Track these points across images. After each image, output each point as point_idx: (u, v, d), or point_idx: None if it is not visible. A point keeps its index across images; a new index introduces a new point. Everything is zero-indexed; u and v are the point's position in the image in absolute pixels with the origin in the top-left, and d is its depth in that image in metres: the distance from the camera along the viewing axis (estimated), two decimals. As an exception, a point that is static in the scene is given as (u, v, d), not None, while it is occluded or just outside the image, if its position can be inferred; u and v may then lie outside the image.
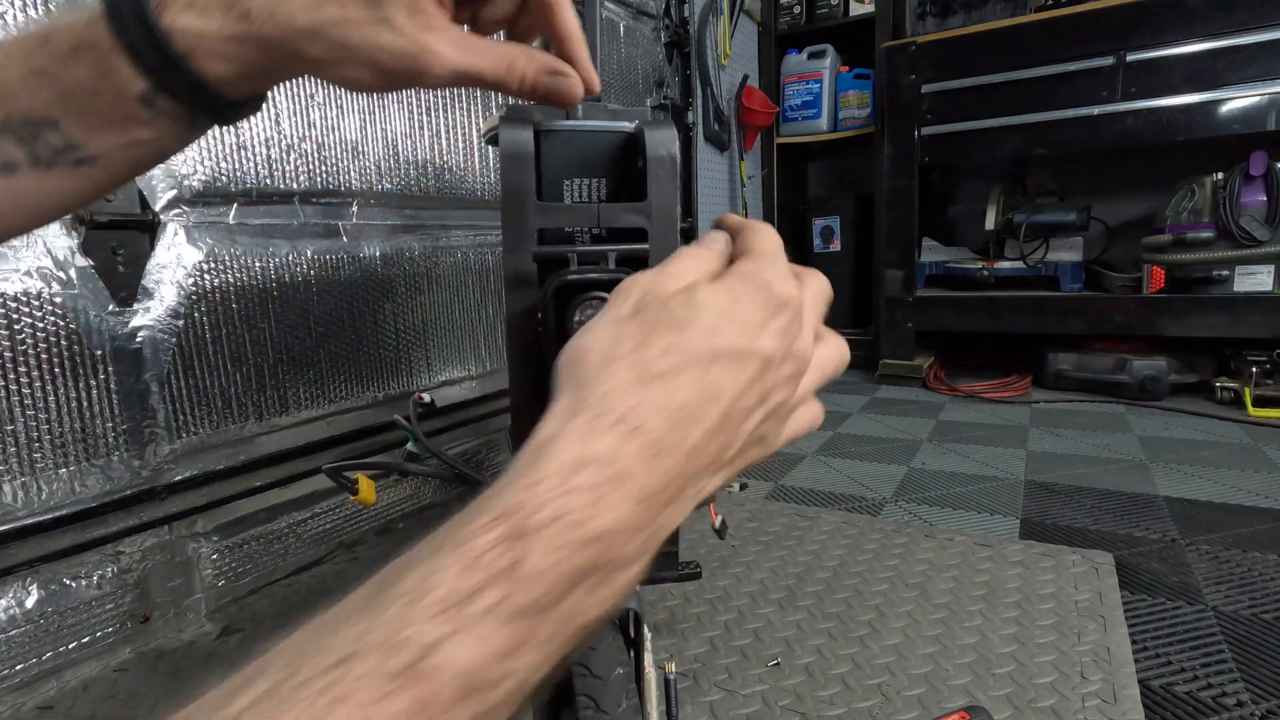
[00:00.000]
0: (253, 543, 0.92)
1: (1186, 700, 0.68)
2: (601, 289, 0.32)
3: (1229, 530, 1.05)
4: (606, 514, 0.21)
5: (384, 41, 0.28)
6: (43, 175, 0.28)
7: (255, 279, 0.89)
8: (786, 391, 0.27)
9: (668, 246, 0.35)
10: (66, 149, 0.28)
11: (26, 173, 0.28)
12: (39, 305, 0.70)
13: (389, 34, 0.28)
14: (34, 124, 0.27)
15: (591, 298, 0.32)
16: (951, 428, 1.68)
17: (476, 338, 1.24)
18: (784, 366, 0.26)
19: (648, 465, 0.22)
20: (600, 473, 0.21)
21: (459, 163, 1.18)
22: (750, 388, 0.25)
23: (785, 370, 0.26)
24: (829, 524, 1.09)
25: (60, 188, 0.29)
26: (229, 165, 0.86)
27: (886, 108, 2.08)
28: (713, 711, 0.68)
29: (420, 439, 0.49)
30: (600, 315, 0.26)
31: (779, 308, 0.26)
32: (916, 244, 2.13)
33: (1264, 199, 1.65)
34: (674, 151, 0.35)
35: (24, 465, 0.71)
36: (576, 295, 0.32)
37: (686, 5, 1.84)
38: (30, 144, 0.27)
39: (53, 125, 0.27)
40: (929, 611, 0.83)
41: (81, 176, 0.29)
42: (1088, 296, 1.92)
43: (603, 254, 0.32)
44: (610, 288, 0.32)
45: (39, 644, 0.73)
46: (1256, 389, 1.68)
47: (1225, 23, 1.65)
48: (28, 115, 0.27)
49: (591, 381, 0.23)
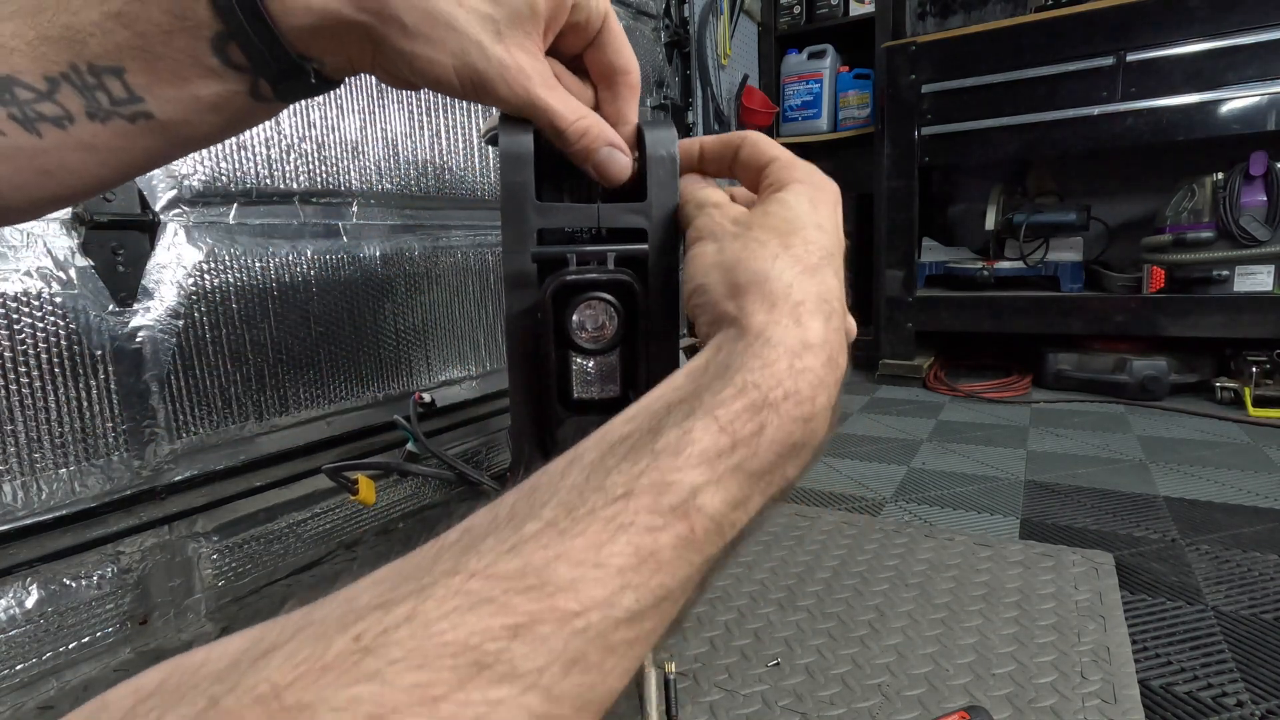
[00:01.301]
0: (253, 543, 0.92)
1: (1186, 700, 0.68)
2: (601, 289, 0.32)
3: (1229, 530, 1.05)
4: (821, 395, 0.24)
5: (485, 40, 0.28)
6: (96, 130, 0.27)
7: (255, 279, 0.89)
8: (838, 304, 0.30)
9: (668, 247, 0.35)
10: (127, 100, 0.27)
11: (81, 126, 0.27)
12: (39, 305, 0.70)
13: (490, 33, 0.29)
14: (99, 71, 0.27)
15: (591, 298, 0.32)
16: (951, 428, 1.68)
17: (476, 338, 1.24)
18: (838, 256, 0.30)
19: (843, 346, 0.26)
20: (819, 356, 0.24)
21: (459, 163, 1.18)
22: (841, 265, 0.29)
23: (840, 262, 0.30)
24: (829, 524, 1.09)
25: (111, 146, 0.28)
26: (229, 165, 0.86)
27: (886, 108, 2.07)
28: (713, 711, 0.68)
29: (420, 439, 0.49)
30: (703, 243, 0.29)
31: (836, 201, 0.30)
32: (916, 244, 2.13)
33: (1264, 199, 1.65)
34: (674, 151, 0.35)
35: (24, 465, 0.71)
36: (576, 295, 0.32)
37: (686, 5, 1.84)
38: (91, 93, 0.27)
39: (118, 73, 0.27)
40: (929, 611, 0.83)
41: (135, 135, 0.28)
42: (1088, 296, 1.92)
43: (602, 254, 0.32)
44: (609, 288, 0.32)
45: (39, 644, 0.73)
46: (1256, 389, 1.68)
47: (1225, 23, 1.65)
48: (96, 60, 0.26)
49: (770, 279, 0.26)
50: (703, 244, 0.29)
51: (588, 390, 0.34)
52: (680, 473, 0.21)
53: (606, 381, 0.34)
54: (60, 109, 0.27)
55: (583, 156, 0.33)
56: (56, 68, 0.26)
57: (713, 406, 0.23)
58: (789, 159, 0.31)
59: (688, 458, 0.21)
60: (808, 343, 0.24)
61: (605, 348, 0.33)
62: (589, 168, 0.33)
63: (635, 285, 0.32)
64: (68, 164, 0.28)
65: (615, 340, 0.33)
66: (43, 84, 0.26)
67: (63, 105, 0.27)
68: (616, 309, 0.32)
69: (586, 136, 0.32)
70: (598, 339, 0.33)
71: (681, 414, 0.23)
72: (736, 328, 0.25)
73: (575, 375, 0.34)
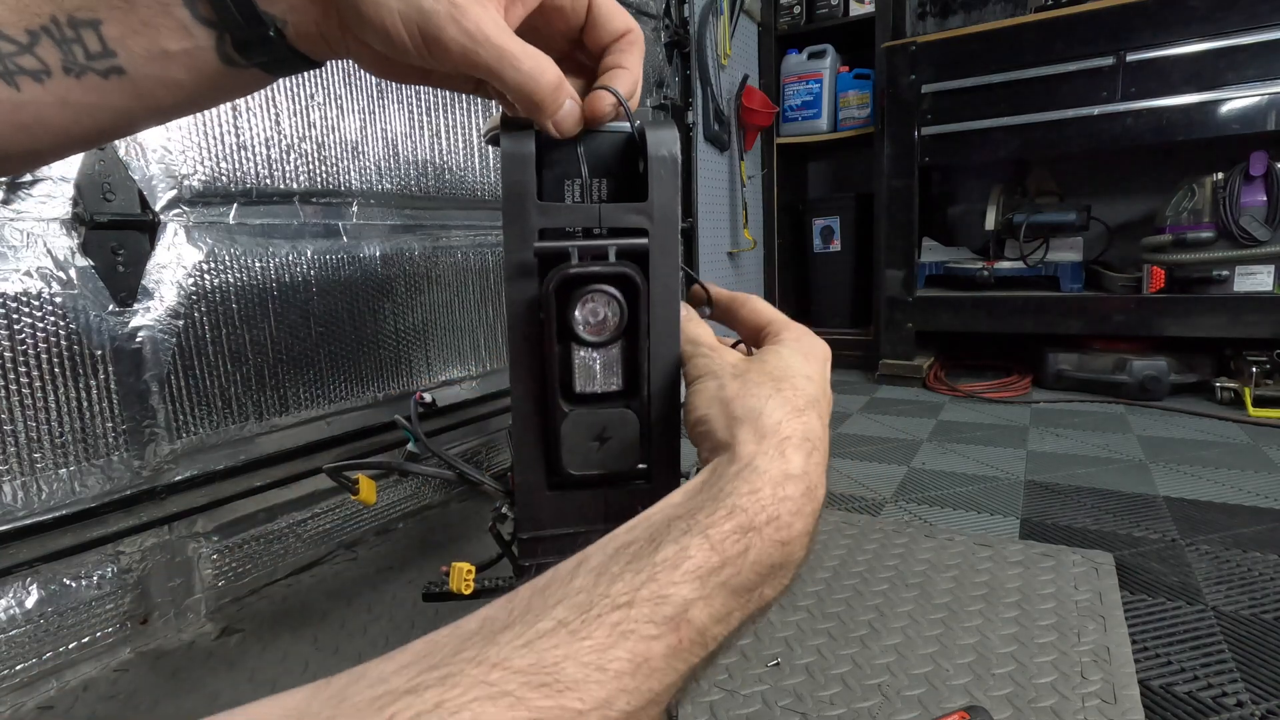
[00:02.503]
0: (253, 543, 0.92)
1: (1186, 700, 0.68)
2: (604, 282, 0.32)
3: (1229, 530, 1.05)
4: (801, 523, 0.27)
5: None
6: (71, 85, 0.28)
7: (255, 279, 0.89)
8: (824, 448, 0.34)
9: (669, 247, 0.35)
10: (101, 54, 0.28)
11: (58, 80, 0.28)
12: (39, 305, 0.70)
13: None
14: (78, 24, 0.27)
15: (593, 290, 0.32)
16: (951, 428, 1.68)
17: (477, 338, 1.24)
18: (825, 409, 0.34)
19: (823, 476, 0.29)
20: (798, 485, 0.27)
21: (459, 163, 1.18)
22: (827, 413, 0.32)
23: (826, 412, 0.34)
24: (829, 524, 1.09)
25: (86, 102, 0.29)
26: (229, 165, 0.86)
27: (886, 108, 2.07)
28: (713, 711, 0.68)
29: (421, 439, 0.49)
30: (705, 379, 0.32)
31: (825, 359, 0.34)
32: (916, 244, 2.13)
33: (1264, 199, 1.65)
34: (675, 151, 0.35)
35: (24, 465, 0.71)
36: (578, 288, 0.32)
37: (686, 5, 1.84)
38: (68, 46, 0.27)
39: (94, 25, 0.27)
40: (929, 611, 0.83)
41: (108, 92, 0.29)
42: (1088, 296, 1.92)
43: (603, 248, 0.32)
44: (612, 280, 0.32)
45: (39, 644, 0.73)
46: (1256, 389, 1.68)
47: (1225, 23, 1.65)
48: (75, 12, 0.27)
49: (762, 415, 0.29)
50: (704, 380, 0.32)
51: (590, 383, 0.34)
52: (676, 586, 0.23)
53: (608, 374, 0.35)
54: (39, 63, 0.27)
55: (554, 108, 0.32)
56: (38, 20, 0.27)
57: (706, 526, 0.25)
58: (785, 320, 0.36)
59: (684, 573, 0.24)
60: (789, 473, 0.27)
61: (607, 340, 0.33)
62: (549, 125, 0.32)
63: (637, 278, 0.32)
64: (44, 118, 0.28)
65: (618, 333, 0.33)
66: (24, 37, 0.27)
67: (41, 59, 0.27)
68: (619, 301, 0.32)
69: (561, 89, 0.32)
70: (600, 331, 0.33)
71: (680, 530, 0.25)
72: (730, 454, 0.28)
73: (577, 368, 0.34)
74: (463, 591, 0.49)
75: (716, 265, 2.14)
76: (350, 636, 0.82)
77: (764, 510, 0.26)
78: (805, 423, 0.29)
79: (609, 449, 0.35)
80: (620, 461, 0.35)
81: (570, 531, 0.37)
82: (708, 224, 2.05)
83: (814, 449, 0.29)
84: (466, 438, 1.23)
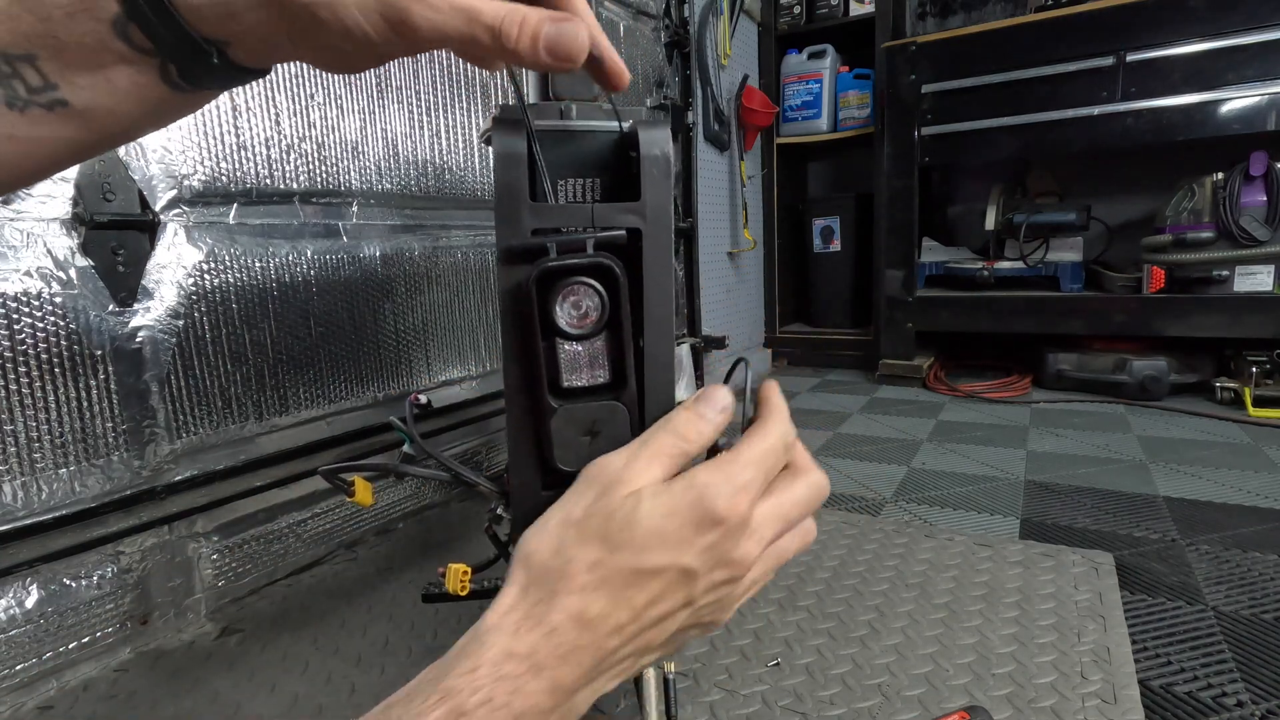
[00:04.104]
0: (253, 543, 0.92)
1: (1186, 700, 0.68)
2: (582, 274, 0.32)
3: (1229, 530, 1.05)
4: (522, 700, 0.26)
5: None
6: (15, 120, 0.27)
7: (255, 279, 0.89)
8: (722, 592, 0.31)
9: (663, 245, 0.35)
10: (43, 89, 0.27)
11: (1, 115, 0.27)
12: (39, 305, 0.70)
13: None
14: (11, 59, 0.26)
15: (573, 283, 0.32)
16: (951, 428, 1.68)
17: (476, 338, 1.24)
18: (714, 574, 0.29)
19: (561, 660, 0.27)
20: (522, 665, 0.26)
21: (459, 163, 1.18)
22: (668, 597, 0.29)
23: (716, 577, 0.30)
24: (829, 524, 1.09)
25: (34, 135, 0.28)
26: (229, 165, 0.86)
27: (886, 108, 2.08)
28: (713, 711, 0.68)
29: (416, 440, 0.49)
30: (557, 507, 0.31)
31: (712, 525, 0.29)
32: (916, 244, 2.13)
33: (1264, 199, 1.65)
34: (668, 150, 0.35)
35: (24, 465, 0.71)
36: (558, 281, 0.32)
37: (686, 5, 1.84)
38: (7, 82, 0.26)
39: (31, 59, 0.26)
40: (929, 611, 0.83)
41: (56, 125, 0.28)
42: (1088, 296, 1.92)
43: (581, 241, 0.32)
44: (589, 272, 0.32)
45: (39, 644, 0.73)
46: (1256, 389, 1.68)
47: (1225, 23, 1.65)
48: (7, 48, 0.26)
49: (533, 584, 0.28)
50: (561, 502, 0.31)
51: (577, 377, 0.35)
52: None
53: (595, 367, 0.35)
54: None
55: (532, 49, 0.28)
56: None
57: (412, 717, 0.25)
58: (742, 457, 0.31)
59: None
60: (512, 652, 0.27)
61: (591, 332, 0.33)
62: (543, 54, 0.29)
63: (616, 268, 0.32)
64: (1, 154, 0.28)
65: (600, 325, 0.33)
66: None
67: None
68: (599, 293, 0.32)
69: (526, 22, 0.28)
70: (582, 324, 0.33)
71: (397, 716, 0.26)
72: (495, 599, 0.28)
73: (563, 362, 0.34)
74: (459, 593, 0.49)
75: (716, 265, 2.14)
76: (350, 636, 0.82)
77: (479, 691, 0.25)
78: (569, 604, 0.28)
79: (600, 443, 0.35)
80: None
81: None
82: (708, 224, 2.05)
83: (553, 633, 0.27)
84: (466, 438, 1.23)
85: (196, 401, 0.84)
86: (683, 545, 0.29)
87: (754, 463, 0.31)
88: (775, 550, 0.32)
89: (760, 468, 0.31)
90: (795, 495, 0.32)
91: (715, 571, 0.29)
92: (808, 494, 0.33)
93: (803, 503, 0.32)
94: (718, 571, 0.29)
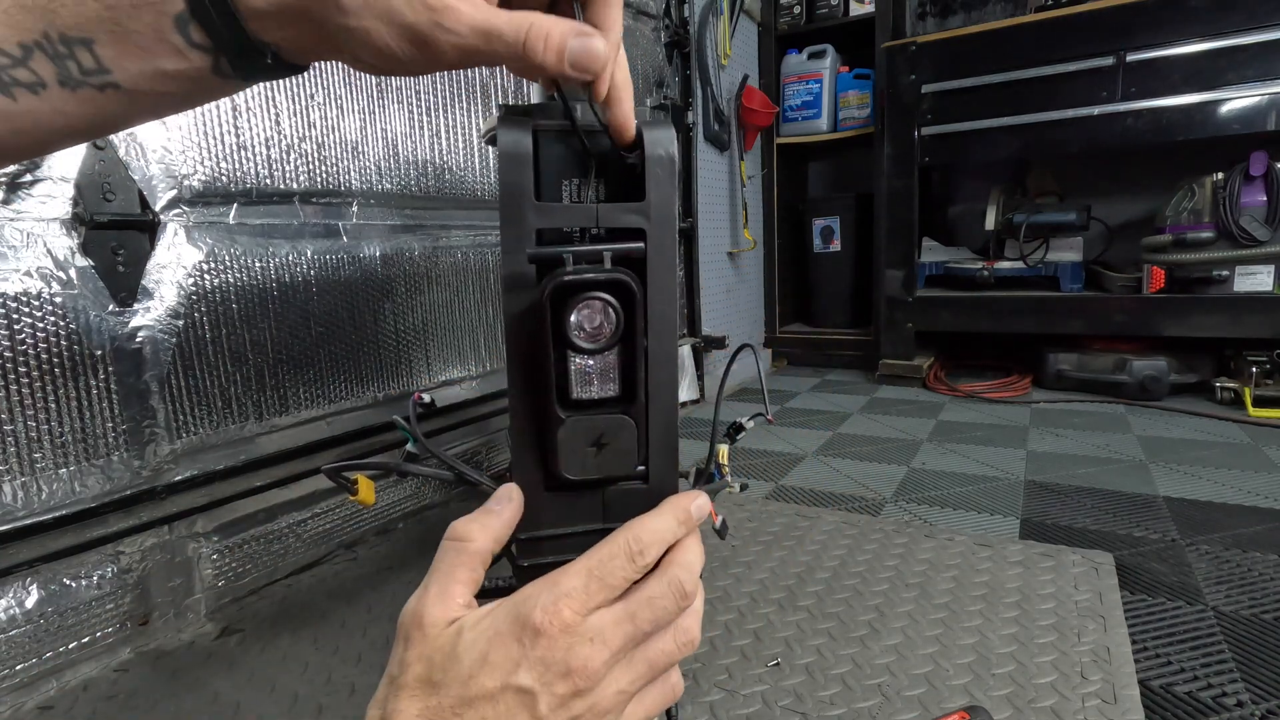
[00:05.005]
0: (253, 543, 0.92)
1: (1186, 700, 0.68)
2: (599, 289, 0.32)
3: (1229, 530, 1.05)
4: None
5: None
6: (67, 97, 0.28)
7: (255, 279, 0.89)
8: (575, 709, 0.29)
9: (667, 247, 0.35)
10: (96, 71, 0.28)
11: (54, 92, 0.28)
12: (39, 305, 0.70)
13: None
14: (70, 41, 0.27)
15: (589, 298, 0.32)
16: (951, 428, 1.68)
17: (476, 338, 1.24)
18: (555, 688, 0.28)
19: None
20: None
21: (459, 163, 1.18)
22: (513, 715, 0.28)
23: (559, 690, 0.28)
24: (829, 524, 1.09)
25: (82, 112, 0.29)
26: (229, 165, 0.86)
27: (886, 108, 2.08)
28: (713, 711, 0.68)
29: (419, 439, 0.49)
30: (395, 645, 0.31)
31: (534, 636, 0.28)
32: (916, 244, 2.13)
33: (1264, 199, 1.65)
34: (673, 151, 0.35)
35: (24, 465, 0.71)
36: (573, 295, 0.32)
37: (686, 5, 1.84)
38: (62, 62, 0.28)
39: (88, 44, 0.28)
40: (929, 611, 0.83)
41: (104, 102, 0.29)
42: (1088, 296, 1.92)
43: (598, 253, 0.32)
44: (607, 287, 0.32)
45: (39, 644, 0.73)
46: (1256, 389, 1.68)
47: (1225, 23, 1.65)
48: (67, 31, 0.27)
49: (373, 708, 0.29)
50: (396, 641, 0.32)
51: (586, 390, 0.34)
52: None
53: (604, 381, 0.34)
54: (34, 75, 0.28)
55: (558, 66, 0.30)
56: (30, 35, 0.27)
57: None
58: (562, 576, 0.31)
59: None
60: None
61: (603, 347, 0.33)
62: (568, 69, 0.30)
63: (633, 284, 0.32)
64: (41, 123, 0.29)
65: (614, 340, 0.33)
66: (17, 50, 0.27)
67: (36, 72, 0.28)
68: (614, 308, 0.32)
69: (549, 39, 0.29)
70: (596, 338, 0.32)
71: None
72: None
73: (574, 375, 0.34)
74: None
75: (716, 265, 2.14)
76: (350, 636, 0.82)
77: None
78: None
79: (606, 455, 0.34)
80: (618, 466, 0.35)
81: (568, 531, 0.36)
82: (708, 224, 2.05)
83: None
84: (467, 438, 1.23)
85: (196, 401, 0.84)
86: (508, 664, 0.28)
87: (586, 570, 0.30)
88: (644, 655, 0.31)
89: (594, 575, 0.30)
90: (648, 592, 0.31)
91: (556, 685, 0.28)
92: (661, 591, 0.31)
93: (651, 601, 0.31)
94: (558, 685, 0.28)
